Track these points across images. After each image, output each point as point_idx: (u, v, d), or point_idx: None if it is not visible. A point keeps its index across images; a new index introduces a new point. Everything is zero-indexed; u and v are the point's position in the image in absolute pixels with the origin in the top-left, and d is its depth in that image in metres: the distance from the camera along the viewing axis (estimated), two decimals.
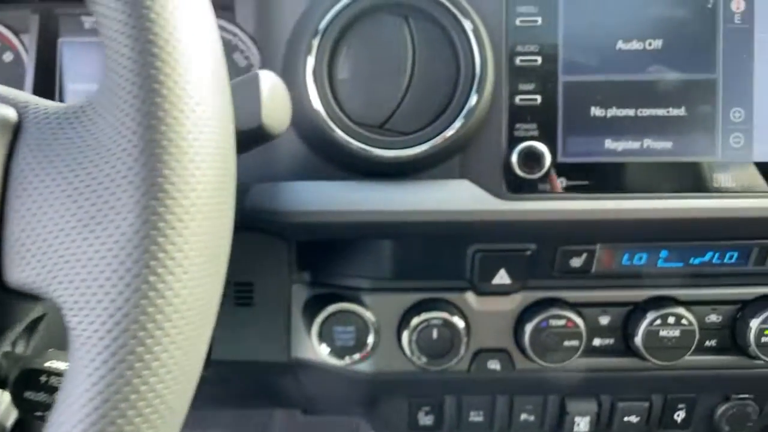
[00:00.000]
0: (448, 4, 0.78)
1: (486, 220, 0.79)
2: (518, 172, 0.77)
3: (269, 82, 0.59)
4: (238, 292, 0.99)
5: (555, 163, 0.80)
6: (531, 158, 0.77)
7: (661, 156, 0.81)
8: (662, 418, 1.11)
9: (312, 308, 0.97)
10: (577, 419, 1.09)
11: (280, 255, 1.00)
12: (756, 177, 0.80)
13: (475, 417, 1.11)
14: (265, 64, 0.88)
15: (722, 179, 0.80)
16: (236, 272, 0.67)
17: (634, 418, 1.10)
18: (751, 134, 0.80)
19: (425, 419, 1.11)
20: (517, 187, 0.80)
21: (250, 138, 0.57)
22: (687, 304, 0.94)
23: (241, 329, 1.02)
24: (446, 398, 1.09)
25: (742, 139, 0.80)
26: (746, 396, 1.08)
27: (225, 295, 0.47)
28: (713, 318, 0.95)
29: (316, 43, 0.79)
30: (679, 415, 1.11)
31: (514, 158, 0.77)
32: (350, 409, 1.09)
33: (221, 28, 0.95)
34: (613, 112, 0.80)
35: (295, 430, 1.47)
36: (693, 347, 0.93)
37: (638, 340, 0.93)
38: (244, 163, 0.55)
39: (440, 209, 0.79)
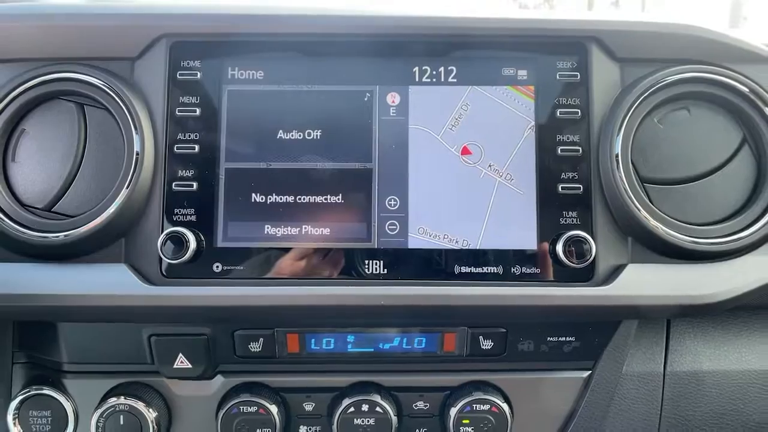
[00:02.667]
0: (113, 95, 0.81)
1: (139, 305, 0.79)
2: (164, 256, 0.78)
3: None
4: None
5: (211, 248, 0.81)
6: (175, 242, 0.78)
7: (318, 242, 0.82)
8: None
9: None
10: None
11: (5, 333, 0.98)
12: (409, 264, 0.81)
13: None
14: None
15: (376, 266, 0.81)
16: None
17: None
18: (406, 221, 0.82)
19: None
20: (172, 272, 0.80)
21: None
22: (393, 390, 0.93)
23: None
24: None
25: (398, 226, 0.82)
26: None
27: None
28: (420, 405, 0.94)
29: None
30: None
31: (159, 243, 0.78)
32: None
33: None
34: (273, 198, 0.82)
35: None
36: None
37: (335, 428, 0.91)
38: None
39: (96, 293, 0.79)
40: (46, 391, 0.93)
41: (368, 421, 0.90)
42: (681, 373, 0.97)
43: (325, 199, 0.82)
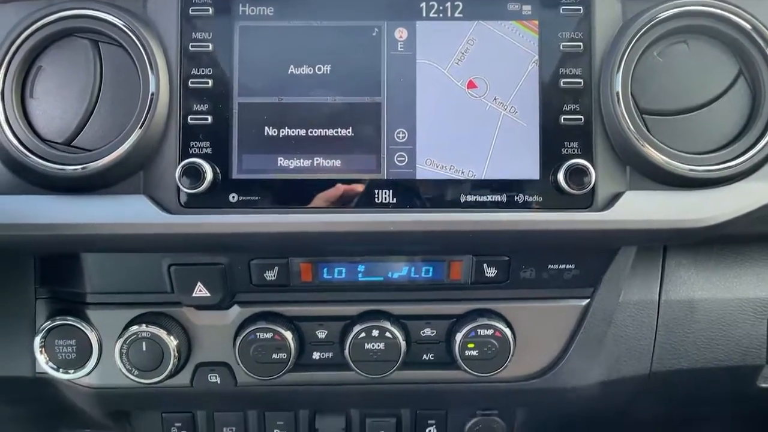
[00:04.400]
0: (128, 32, 0.83)
1: (159, 233, 0.83)
2: (182, 187, 0.81)
3: None
4: None
5: (227, 179, 0.84)
6: (192, 174, 0.81)
7: (330, 173, 0.85)
8: None
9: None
10: None
11: (24, 271, 1.02)
12: (417, 193, 0.84)
13: None
14: None
15: (385, 195, 0.84)
16: None
17: None
18: (414, 153, 0.85)
19: None
20: (190, 203, 0.84)
21: None
22: (400, 318, 0.97)
23: None
24: (197, 413, 1.10)
25: (406, 158, 0.85)
26: (492, 412, 1.11)
27: None
28: (428, 332, 0.99)
29: (5, 64, 0.83)
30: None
31: (177, 174, 0.81)
32: (104, 424, 1.10)
33: None
34: (285, 131, 0.85)
35: None
36: (400, 360, 0.96)
37: (347, 353, 0.96)
38: None
39: (116, 222, 0.83)
40: (71, 321, 0.97)
41: (378, 345, 0.95)
42: (675, 302, 1.01)
43: (336, 132, 0.85)
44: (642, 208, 0.82)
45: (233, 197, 0.84)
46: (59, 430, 1.28)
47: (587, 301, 0.99)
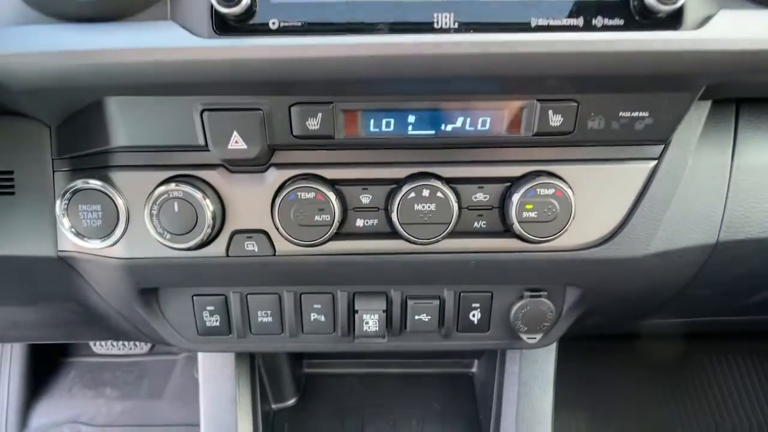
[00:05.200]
0: None
1: (191, 59, 0.74)
2: (216, 5, 0.72)
3: None
4: None
5: (267, 3, 0.75)
6: None
7: None
8: (458, 318, 1.07)
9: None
10: (366, 317, 1.05)
11: (41, 141, 0.94)
12: (482, 16, 0.74)
13: (264, 317, 1.06)
14: None
15: (445, 19, 0.75)
16: None
17: (425, 317, 1.06)
18: None
19: (211, 320, 1.06)
20: (224, 27, 0.75)
21: None
22: (451, 181, 0.90)
23: (2, 221, 0.97)
24: (230, 295, 1.04)
25: None
26: (539, 293, 1.05)
27: None
28: (480, 197, 0.91)
29: None
30: (475, 315, 1.07)
31: None
32: (132, 307, 1.04)
33: None
34: None
35: None
36: (451, 224, 0.89)
37: (395, 216, 0.89)
38: None
39: (143, 47, 0.74)
40: (94, 184, 0.89)
41: (429, 206, 0.88)
42: (748, 166, 0.94)
43: None
44: (736, 27, 0.73)
45: (273, 23, 0.75)
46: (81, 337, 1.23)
47: (654, 163, 0.91)
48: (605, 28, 0.74)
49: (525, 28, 0.74)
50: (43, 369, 2.12)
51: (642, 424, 1.93)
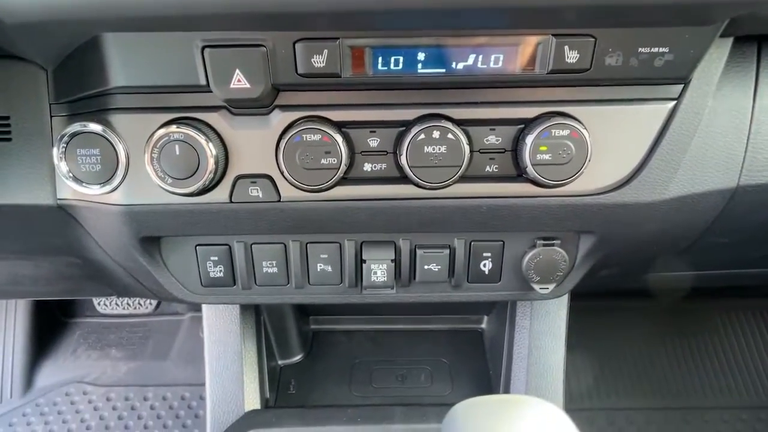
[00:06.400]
0: None
1: None
2: None
3: None
4: None
5: None
6: None
7: None
8: (469, 268, 1.05)
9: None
10: (374, 267, 1.02)
11: (38, 85, 0.91)
12: None
13: (269, 268, 1.04)
14: None
15: None
16: None
17: (435, 267, 1.03)
18: None
19: (215, 270, 1.04)
20: None
21: None
22: (462, 122, 0.86)
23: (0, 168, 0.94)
24: (234, 244, 1.01)
25: None
26: (552, 242, 1.02)
27: None
28: (492, 139, 0.88)
29: None
30: (486, 265, 1.05)
31: None
32: (134, 257, 1.01)
33: None
34: None
35: None
36: (463, 167, 0.86)
37: (404, 159, 0.86)
38: None
39: None
40: (92, 127, 0.86)
41: (440, 149, 0.85)
42: None
43: None
44: None
45: None
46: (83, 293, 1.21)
47: (674, 103, 0.87)
48: None
49: None
50: (48, 329, 2.12)
51: (651, 380, 1.92)
